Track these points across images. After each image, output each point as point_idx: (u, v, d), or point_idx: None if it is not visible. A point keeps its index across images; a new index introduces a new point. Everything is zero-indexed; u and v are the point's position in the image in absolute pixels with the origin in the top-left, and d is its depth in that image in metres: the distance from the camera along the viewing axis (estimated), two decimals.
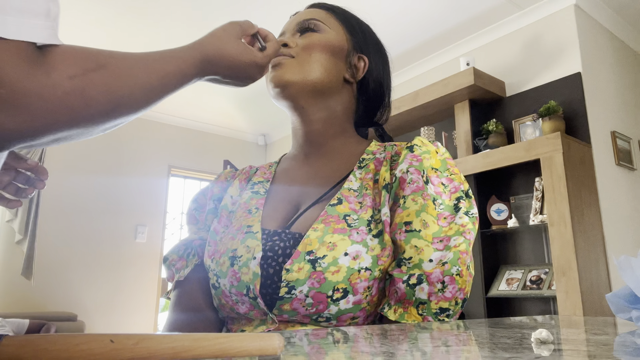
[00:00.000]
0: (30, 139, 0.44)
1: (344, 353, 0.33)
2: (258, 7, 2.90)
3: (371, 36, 0.86)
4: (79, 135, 0.49)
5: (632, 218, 2.70)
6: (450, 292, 0.62)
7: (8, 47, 0.40)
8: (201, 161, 4.73)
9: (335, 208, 0.69)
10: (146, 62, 0.52)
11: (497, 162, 2.55)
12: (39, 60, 0.42)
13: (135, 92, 0.50)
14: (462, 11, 2.93)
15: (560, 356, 0.30)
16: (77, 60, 0.45)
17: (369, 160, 0.76)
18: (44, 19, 0.42)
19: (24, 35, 0.40)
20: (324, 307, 0.62)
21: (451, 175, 0.71)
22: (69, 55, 0.45)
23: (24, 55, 0.41)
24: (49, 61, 0.43)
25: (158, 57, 0.55)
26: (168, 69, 0.54)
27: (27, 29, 0.41)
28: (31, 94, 0.41)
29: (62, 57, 0.44)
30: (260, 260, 0.66)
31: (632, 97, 3.03)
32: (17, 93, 0.40)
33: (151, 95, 0.52)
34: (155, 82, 0.52)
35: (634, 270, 0.43)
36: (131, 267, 4.15)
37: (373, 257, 0.63)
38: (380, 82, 0.85)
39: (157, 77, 0.53)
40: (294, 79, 0.75)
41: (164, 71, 0.54)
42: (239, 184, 0.85)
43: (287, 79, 0.75)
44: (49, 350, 0.27)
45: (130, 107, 0.50)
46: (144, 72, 0.51)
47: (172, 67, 0.55)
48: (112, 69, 0.48)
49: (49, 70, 0.43)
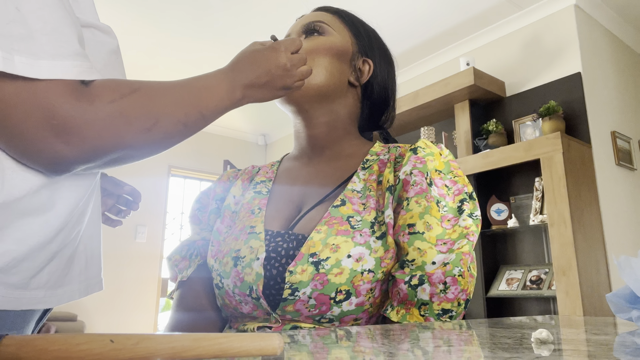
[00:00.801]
0: (85, 162, 0.51)
1: (346, 351, 0.33)
2: (259, 7, 2.90)
3: (376, 40, 0.86)
4: (133, 156, 0.55)
5: (632, 218, 2.70)
6: (452, 293, 0.62)
7: (56, 85, 0.48)
8: (201, 161, 4.73)
9: (339, 209, 0.68)
10: (176, 83, 0.59)
11: (497, 162, 2.55)
12: (83, 92, 0.50)
13: (170, 107, 0.55)
14: (462, 11, 2.93)
15: (560, 356, 0.30)
16: (114, 88, 0.52)
17: (372, 161, 0.76)
18: (82, 59, 0.50)
19: (69, 75, 0.48)
20: (327, 308, 0.62)
21: (455, 177, 0.71)
22: (106, 85, 0.52)
23: (70, 91, 0.48)
24: (91, 92, 0.50)
25: (189, 78, 0.61)
26: (197, 84, 0.60)
27: (80, 69, 0.49)
28: (79, 121, 0.48)
29: (102, 87, 0.51)
30: (264, 261, 0.66)
31: (632, 97, 3.03)
32: (67, 122, 0.48)
33: (189, 110, 0.57)
34: (186, 95, 0.58)
35: (634, 270, 0.43)
36: (131, 267, 4.15)
37: (376, 259, 0.63)
38: (385, 85, 0.84)
39: (187, 91, 0.58)
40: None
41: (193, 86, 0.59)
42: (242, 183, 0.85)
43: None
44: (49, 350, 0.27)
45: (170, 123, 0.55)
46: (175, 90, 0.57)
47: (202, 82, 0.61)
48: (145, 90, 0.55)
49: (92, 99, 0.50)
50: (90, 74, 0.51)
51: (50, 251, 0.54)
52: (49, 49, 0.48)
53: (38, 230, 0.52)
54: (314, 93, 0.76)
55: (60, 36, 0.49)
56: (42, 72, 0.47)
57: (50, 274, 0.55)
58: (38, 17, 0.48)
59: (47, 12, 0.49)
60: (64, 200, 0.55)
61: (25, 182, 0.51)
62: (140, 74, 3.78)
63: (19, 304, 0.52)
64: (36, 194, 0.52)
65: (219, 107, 0.61)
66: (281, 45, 0.69)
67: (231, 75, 0.63)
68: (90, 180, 0.60)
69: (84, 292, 0.62)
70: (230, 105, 0.63)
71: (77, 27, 0.52)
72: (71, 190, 0.56)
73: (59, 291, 0.57)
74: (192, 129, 0.58)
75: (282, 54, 0.68)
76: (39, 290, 0.54)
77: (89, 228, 0.63)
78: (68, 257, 0.58)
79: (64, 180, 0.55)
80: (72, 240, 0.58)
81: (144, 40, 3.27)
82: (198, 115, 0.58)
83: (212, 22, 3.08)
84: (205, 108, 0.59)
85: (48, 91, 0.47)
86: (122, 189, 0.81)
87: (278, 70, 0.67)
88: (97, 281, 0.66)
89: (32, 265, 0.53)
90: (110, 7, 2.92)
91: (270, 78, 0.66)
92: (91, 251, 0.64)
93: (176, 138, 0.57)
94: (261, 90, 0.66)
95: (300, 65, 0.70)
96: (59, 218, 0.55)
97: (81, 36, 0.53)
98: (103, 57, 0.61)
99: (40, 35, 0.47)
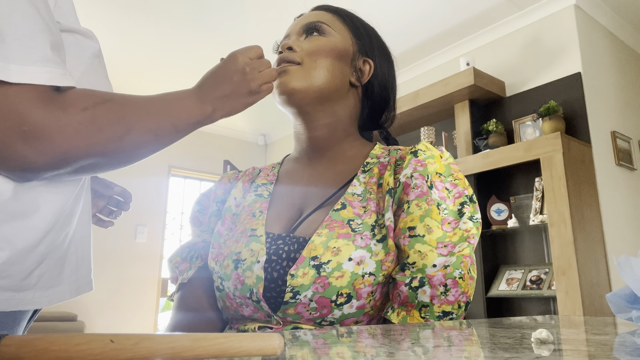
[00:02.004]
0: (54, 169, 0.51)
1: (347, 349, 0.33)
2: (258, 7, 2.90)
3: (377, 39, 0.85)
4: (104, 165, 0.55)
5: (632, 218, 2.70)
6: (453, 296, 0.62)
7: (28, 91, 0.48)
8: (201, 161, 4.73)
9: (339, 213, 0.68)
10: (148, 96, 0.60)
11: (497, 162, 2.55)
12: (55, 99, 0.50)
13: (142, 117, 0.56)
14: (462, 11, 2.93)
15: (560, 356, 0.30)
16: (88, 96, 0.53)
17: (373, 164, 0.76)
18: (53, 65, 0.50)
19: (38, 80, 0.48)
20: (328, 311, 0.62)
21: (455, 180, 0.71)
22: (80, 94, 0.53)
23: (42, 97, 0.48)
24: (65, 99, 0.51)
25: (160, 93, 0.62)
26: (168, 97, 0.62)
27: (50, 75, 0.49)
28: (51, 127, 0.48)
29: (75, 95, 0.52)
30: (265, 264, 0.66)
31: (632, 97, 3.03)
32: (39, 127, 0.48)
33: (160, 121, 0.58)
34: (158, 107, 0.58)
35: (634, 270, 0.43)
36: (131, 267, 4.15)
37: (377, 262, 0.63)
38: (385, 85, 0.84)
39: (159, 103, 0.59)
40: (300, 87, 0.74)
41: (165, 99, 0.61)
42: (243, 185, 0.85)
43: (292, 87, 0.74)
44: (49, 350, 0.27)
45: (141, 132, 0.56)
46: (147, 101, 0.58)
47: (173, 96, 0.62)
48: (118, 100, 0.55)
49: (65, 106, 0.50)
50: (63, 80, 0.51)
51: (38, 254, 0.55)
52: (18, 54, 0.48)
53: (24, 233, 0.53)
54: (316, 95, 0.76)
55: (30, 42, 0.49)
56: (12, 76, 0.47)
57: (40, 275, 0.56)
58: (9, 22, 0.48)
59: (18, 17, 0.49)
60: (48, 203, 0.55)
61: (4, 185, 0.51)
62: (141, 75, 3.78)
63: (9, 305, 0.52)
64: (17, 198, 0.52)
65: (190, 119, 0.61)
66: (237, 53, 0.68)
67: (199, 92, 0.64)
68: (74, 183, 0.60)
69: (74, 293, 0.63)
70: (202, 119, 0.63)
71: (52, 33, 0.52)
72: (55, 194, 0.56)
73: (49, 292, 0.58)
74: (163, 140, 0.59)
75: (240, 60, 0.68)
76: (28, 291, 0.54)
77: (79, 229, 0.63)
78: (58, 259, 0.59)
79: (45, 184, 0.55)
80: (61, 242, 0.59)
81: (143, 40, 3.27)
82: (169, 126, 0.59)
83: (212, 22, 3.08)
84: (177, 119, 0.60)
85: (19, 96, 0.47)
86: (112, 190, 0.82)
87: (238, 76, 0.67)
88: (87, 281, 0.66)
89: (22, 268, 0.53)
90: (111, 7, 2.92)
91: (234, 86, 0.66)
92: (82, 252, 0.65)
93: (147, 148, 0.58)
94: (229, 100, 0.66)
95: (262, 68, 0.69)
96: (44, 221, 0.55)
97: (58, 42, 0.53)
98: (85, 61, 0.62)
99: (12, 40, 0.48)
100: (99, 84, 0.64)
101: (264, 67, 0.69)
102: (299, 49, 0.77)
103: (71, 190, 0.59)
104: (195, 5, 2.90)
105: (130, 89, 3.90)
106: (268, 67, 0.70)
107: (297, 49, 0.77)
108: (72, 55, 0.59)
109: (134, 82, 3.91)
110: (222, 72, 0.66)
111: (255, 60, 0.69)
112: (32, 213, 0.53)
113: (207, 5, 2.90)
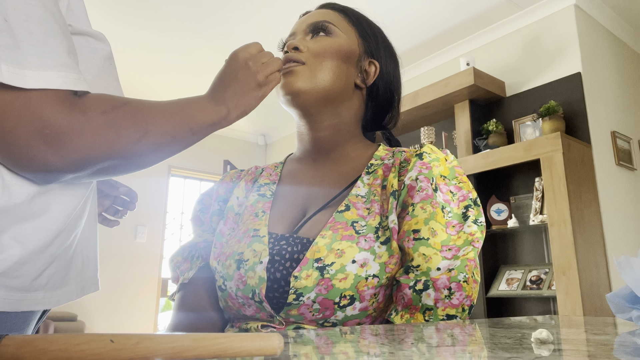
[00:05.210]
0: (75, 171, 0.52)
1: (348, 348, 0.33)
2: (258, 7, 2.90)
3: (383, 39, 0.84)
4: (122, 167, 0.56)
5: (632, 218, 2.70)
6: (457, 299, 0.62)
7: (48, 95, 0.49)
8: (201, 161, 4.73)
9: (343, 214, 0.68)
10: (164, 101, 0.61)
11: (497, 162, 2.55)
12: (75, 103, 0.51)
13: (158, 119, 0.57)
14: (462, 11, 2.93)
15: (560, 356, 0.30)
16: (106, 100, 0.54)
17: (377, 165, 0.76)
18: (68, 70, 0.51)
19: (54, 84, 0.49)
20: (331, 313, 0.62)
21: (459, 183, 0.71)
22: (98, 98, 0.54)
23: (62, 101, 0.49)
24: (84, 103, 0.52)
25: (175, 99, 0.62)
26: (183, 101, 0.62)
27: (65, 80, 0.50)
28: (72, 131, 0.50)
29: (94, 99, 0.53)
30: (267, 265, 0.66)
31: (632, 97, 3.03)
32: (61, 131, 0.49)
33: (177, 123, 0.59)
34: (174, 110, 0.59)
35: (634, 270, 0.43)
36: (131, 267, 4.15)
37: (381, 265, 0.63)
38: (390, 86, 0.83)
39: (175, 106, 0.60)
40: (305, 87, 0.74)
41: (180, 103, 0.61)
42: (245, 184, 0.85)
43: (298, 87, 0.74)
44: (49, 350, 0.27)
45: (159, 134, 0.56)
46: (163, 105, 0.59)
47: (187, 100, 0.63)
48: (135, 103, 0.56)
49: (85, 110, 0.51)
50: (77, 84, 0.51)
51: (49, 254, 0.55)
52: (34, 60, 0.48)
53: (37, 234, 0.53)
54: (320, 96, 0.75)
55: (45, 47, 0.50)
56: (27, 82, 0.47)
57: (50, 276, 0.56)
58: (24, 28, 0.49)
59: (33, 23, 0.49)
60: (60, 205, 0.56)
61: (22, 189, 0.51)
62: (141, 75, 3.78)
63: (20, 305, 0.53)
64: (32, 200, 0.52)
65: (205, 121, 0.62)
66: (237, 50, 0.69)
67: (211, 95, 0.65)
68: (86, 185, 0.61)
69: (80, 293, 0.63)
70: (217, 120, 0.63)
71: (66, 38, 0.53)
72: (67, 195, 0.57)
73: (58, 292, 0.58)
74: (179, 142, 0.59)
75: (240, 56, 0.68)
76: (39, 292, 0.55)
77: (85, 230, 0.64)
78: (66, 260, 0.59)
79: (60, 187, 0.56)
80: (70, 243, 0.59)
81: (143, 41, 3.27)
82: (186, 128, 0.59)
83: (212, 21, 3.08)
84: (192, 121, 0.60)
85: (40, 100, 0.48)
86: (118, 190, 0.83)
87: (242, 72, 0.67)
88: (94, 282, 0.67)
89: (33, 268, 0.53)
90: (111, 8, 2.92)
91: (241, 82, 0.66)
92: (87, 252, 0.65)
93: (164, 151, 0.58)
94: (241, 97, 0.66)
95: (265, 59, 0.68)
96: (56, 222, 0.55)
97: (71, 47, 0.53)
98: (96, 63, 0.62)
99: (27, 46, 0.48)
100: (110, 86, 0.64)
101: (267, 58, 0.69)
102: (305, 49, 0.76)
103: (83, 192, 0.60)
104: (196, 5, 2.90)
105: (130, 88, 3.91)
106: (271, 58, 0.70)
107: (303, 49, 0.76)
108: (84, 57, 0.60)
109: (134, 82, 3.91)
110: (228, 73, 0.67)
111: (257, 54, 0.69)
112: (43, 214, 0.54)
113: (207, 5, 2.90)
